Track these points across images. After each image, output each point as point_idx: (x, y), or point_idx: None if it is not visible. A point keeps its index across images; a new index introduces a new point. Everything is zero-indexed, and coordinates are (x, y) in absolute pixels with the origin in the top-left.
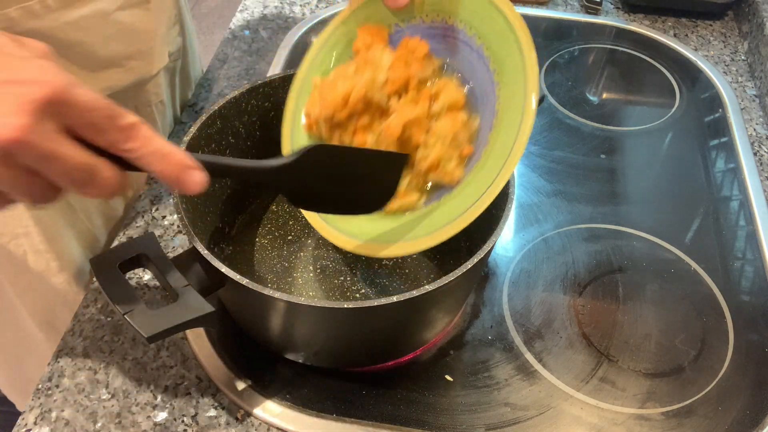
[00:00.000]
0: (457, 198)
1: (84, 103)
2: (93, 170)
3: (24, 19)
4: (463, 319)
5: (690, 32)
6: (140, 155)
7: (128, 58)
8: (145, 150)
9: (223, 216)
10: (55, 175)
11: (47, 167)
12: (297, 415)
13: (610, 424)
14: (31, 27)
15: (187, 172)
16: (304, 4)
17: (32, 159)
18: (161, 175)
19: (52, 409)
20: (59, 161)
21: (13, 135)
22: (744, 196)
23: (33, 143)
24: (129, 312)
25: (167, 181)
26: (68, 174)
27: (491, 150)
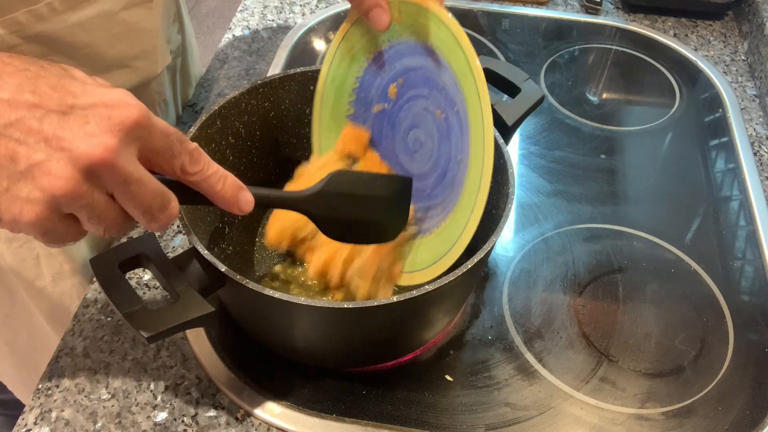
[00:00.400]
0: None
1: (162, 128)
2: (166, 197)
3: (31, 23)
4: (463, 319)
5: (690, 32)
6: (204, 178)
7: (134, 58)
8: (208, 172)
9: (223, 216)
10: (134, 200)
11: (128, 191)
12: (297, 415)
13: (610, 424)
14: (39, 30)
15: (241, 193)
16: (304, 4)
17: (115, 181)
18: (220, 196)
19: (52, 409)
20: (140, 186)
21: (103, 155)
22: (744, 196)
23: (119, 165)
24: (129, 312)
25: (224, 202)
26: (146, 200)
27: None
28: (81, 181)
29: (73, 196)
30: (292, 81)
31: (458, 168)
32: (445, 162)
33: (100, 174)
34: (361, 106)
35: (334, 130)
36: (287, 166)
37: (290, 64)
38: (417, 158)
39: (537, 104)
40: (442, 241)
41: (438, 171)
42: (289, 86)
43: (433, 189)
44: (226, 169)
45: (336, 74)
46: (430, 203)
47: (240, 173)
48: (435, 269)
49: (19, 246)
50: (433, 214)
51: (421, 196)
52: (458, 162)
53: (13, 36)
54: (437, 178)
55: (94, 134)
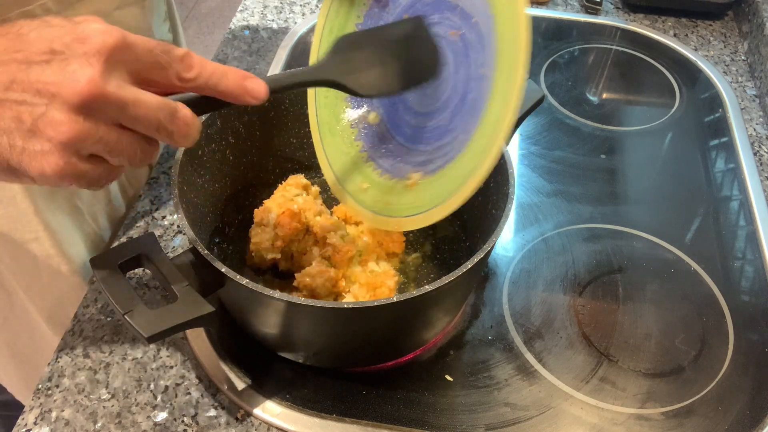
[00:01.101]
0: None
1: (143, 44)
2: (172, 106)
3: None
4: (463, 319)
5: (690, 32)
6: (204, 80)
7: None
8: (206, 73)
9: (223, 216)
10: (140, 121)
11: (131, 115)
12: (297, 415)
13: (610, 424)
14: None
15: (249, 81)
16: (304, 4)
17: (114, 109)
18: (227, 91)
19: (52, 409)
20: (140, 105)
21: (89, 87)
22: (744, 196)
23: (109, 92)
24: (129, 312)
25: (234, 96)
26: (152, 116)
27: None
28: (80, 120)
29: (79, 136)
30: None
31: (479, 84)
32: (464, 84)
33: (96, 106)
34: None
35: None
36: (287, 166)
37: (290, 64)
38: (429, 93)
39: (537, 104)
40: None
41: (457, 98)
42: None
43: (451, 120)
44: (226, 169)
45: (333, 24)
46: (444, 140)
47: (240, 173)
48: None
49: (16, 247)
50: (449, 149)
51: (436, 134)
52: (479, 77)
53: None
54: (456, 106)
55: (75, 71)
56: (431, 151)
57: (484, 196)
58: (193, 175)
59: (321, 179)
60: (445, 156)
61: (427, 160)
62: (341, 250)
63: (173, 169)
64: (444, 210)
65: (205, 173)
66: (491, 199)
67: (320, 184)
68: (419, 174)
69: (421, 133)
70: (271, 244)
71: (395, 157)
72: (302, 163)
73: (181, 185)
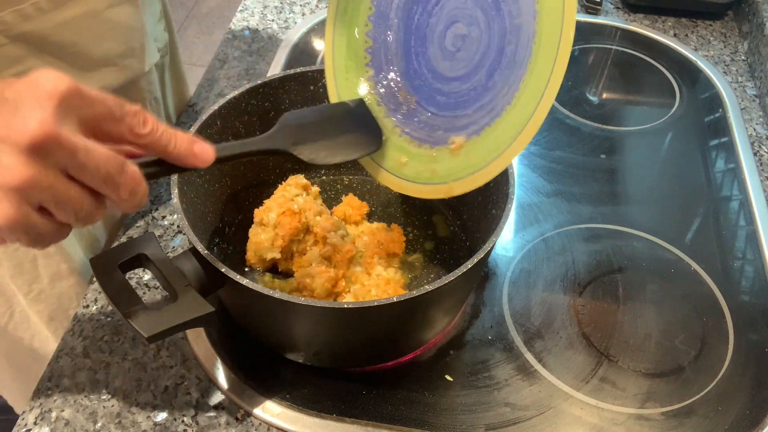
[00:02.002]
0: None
1: (96, 95)
2: (122, 162)
3: (18, 23)
4: (463, 319)
5: (690, 32)
6: (155, 138)
7: (121, 57)
8: (157, 132)
9: (223, 216)
10: (88, 170)
11: (80, 162)
12: (297, 415)
13: (610, 424)
14: (25, 30)
15: (196, 145)
16: (304, 4)
17: (63, 155)
18: (175, 152)
19: (52, 409)
20: (90, 154)
21: (42, 129)
22: (744, 196)
23: (61, 137)
24: (129, 312)
25: (181, 158)
26: (100, 166)
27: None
28: (31, 164)
29: (29, 182)
30: (292, 81)
31: (517, 35)
32: (499, 38)
33: (47, 150)
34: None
35: (353, 71)
36: (287, 166)
37: (290, 64)
38: (461, 56)
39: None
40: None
41: (492, 55)
42: (289, 86)
43: (488, 78)
44: (226, 169)
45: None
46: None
47: (240, 173)
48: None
49: (15, 249)
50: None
51: (474, 95)
52: (516, 28)
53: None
54: (493, 63)
55: (27, 114)
56: (471, 113)
57: (484, 196)
58: (193, 175)
59: (321, 179)
60: (490, 113)
61: (469, 122)
62: (341, 250)
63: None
64: (503, 162)
65: (205, 173)
66: (491, 199)
67: (320, 184)
68: (463, 137)
69: (456, 98)
70: (271, 244)
71: (431, 127)
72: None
73: (181, 185)
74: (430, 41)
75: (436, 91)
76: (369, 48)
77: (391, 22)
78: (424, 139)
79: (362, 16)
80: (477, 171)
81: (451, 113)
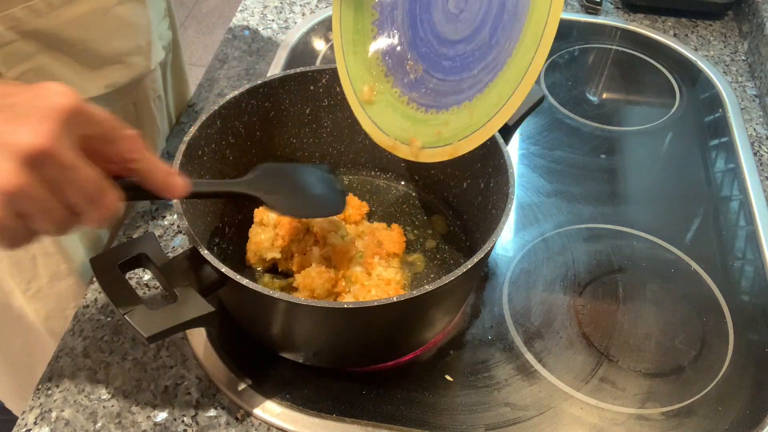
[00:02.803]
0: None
1: (97, 114)
2: (104, 183)
3: (29, 18)
4: (463, 319)
5: (690, 32)
6: (141, 165)
7: (128, 54)
8: (144, 160)
9: (223, 216)
10: (73, 186)
11: (69, 180)
12: (297, 415)
13: (610, 424)
14: (35, 26)
15: (172, 178)
16: (304, 4)
17: (57, 170)
18: (153, 182)
19: (52, 409)
20: (78, 172)
21: (43, 142)
22: (744, 196)
23: (58, 151)
24: (129, 312)
25: (159, 187)
26: (85, 186)
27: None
28: (25, 172)
29: (19, 190)
30: (292, 81)
31: None
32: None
33: (42, 162)
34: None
35: (360, 44)
36: None
37: (290, 64)
38: (464, 17)
39: (537, 104)
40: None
41: (494, 10)
42: (289, 86)
43: (492, 35)
44: (226, 169)
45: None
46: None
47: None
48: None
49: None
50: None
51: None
52: None
53: (9, 32)
54: (495, 19)
55: (32, 124)
56: (477, 73)
57: (483, 196)
58: (193, 175)
59: None
60: (493, 69)
61: (475, 82)
62: (341, 250)
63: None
64: (505, 114)
65: (205, 173)
66: (491, 199)
67: None
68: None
69: (462, 60)
70: (271, 244)
71: (438, 93)
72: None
73: None
74: (434, 6)
75: (442, 56)
76: (376, 20)
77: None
78: (431, 104)
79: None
80: (480, 127)
81: (458, 77)
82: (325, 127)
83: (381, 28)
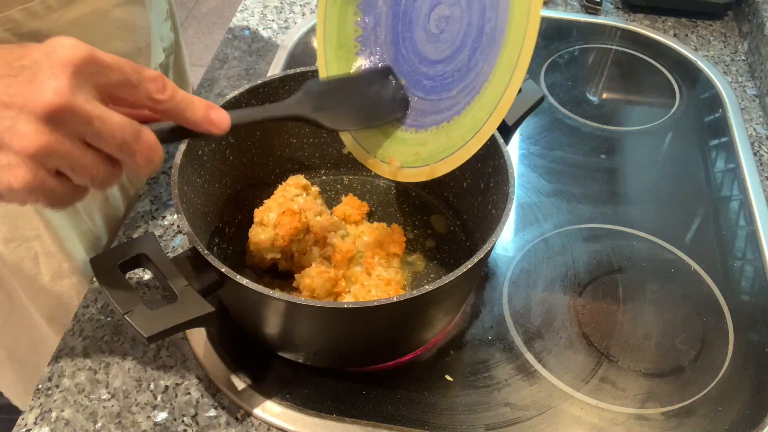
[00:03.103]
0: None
1: (113, 61)
2: (135, 126)
3: (27, 20)
4: (463, 319)
5: (690, 32)
6: (173, 104)
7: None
8: (176, 98)
9: (223, 216)
10: (103, 137)
11: (96, 130)
12: (297, 415)
13: (610, 424)
14: (33, 28)
15: (212, 111)
16: (304, 4)
17: (79, 122)
18: (192, 119)
19: (52, 409)
20: (106, 122)
21: (57, 99)
22: (744, 196)
23: (76, 105)
24: (129, 312)
25: (198, 124)
26: (116, 134)
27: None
28: (47, 131)
29: (47, 148)
30: (292, 81)
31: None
32: (479, 16)
33: (62, 118)
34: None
35: (343, 60)
36: (287, 166)
37: (290, 64)
38: (444, 38)
39: (537, 104)
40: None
41: (473, 32)
42: (289, 86)
43: (471, 58)
44: (226, 169)
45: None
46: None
47: (240, 173)
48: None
49: (17, 246)
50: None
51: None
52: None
53: (7, 33)
54: (474, 42)
55: (42, 82)
56: (455, 94)
57: (484, 196)
58: (193, 175)
59: (321, 179)
60: (471, 92)
61: (453, 104)
62: (341, 250)
63: (173, 170)
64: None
65: (205, 173)
66: (491, 199)
67: (320, 184)
68: (445, 119)
69: (441, 81)
70: (271, 244)
71: (418, 112)
72: (302, 163)
73: (181, 185)
74: (416, 25)
75: (423, 75)
76: (359, 37)
77: (380, 9)
78: (411, 123)
79: (351, 5)
80: (457, 150)
81: (437, 96)
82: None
83: (365, 45)
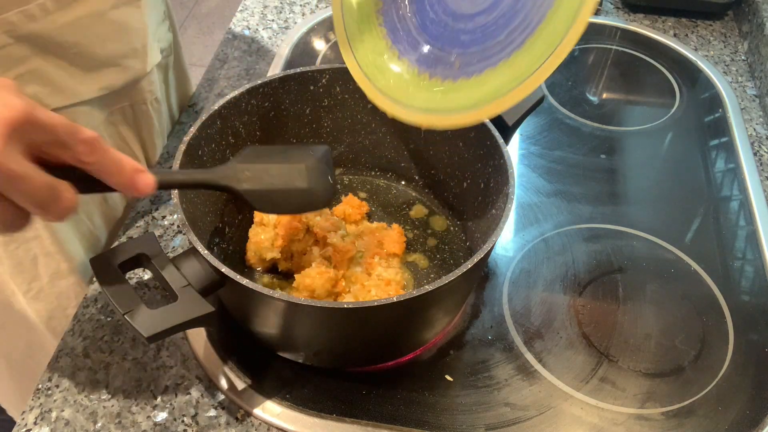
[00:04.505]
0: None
1: (48, 121)
2: (56, 190)
3: (23, 23)
4: (463, 319)
5: (690, 32)
6: (101, 166)
7: (124, 57)
8: (105, 161)
9: (223, 216)
10: (23, 196)
11: (15, 188)
12: (297, 415)
13: (610, 424)
14: (30, 30)
15: (138, 175)
16: (304, 4)
17: (3, 180)
18: (117, 182)
19: (52, 409)
20: (26, 182)
21: None
22: (744, 196)
23: (4, 163)
24: (129, 312)
25: (122, 187)
26: (35, 194)
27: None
28: None
29: None
30: (292, 81)
31: None
32: None
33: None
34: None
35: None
36: None
37: (290, 64)
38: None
39: (537, 104)
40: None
41: None
42: (289, 86)
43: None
44: None
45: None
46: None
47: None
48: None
49: (16, 247)
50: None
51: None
52: None
53: (3, 36)
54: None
55: None
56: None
57: (483, 196)
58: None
59: None
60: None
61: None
62: (341, 250)
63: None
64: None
65: None
66: (491, 199)
67: None
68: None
69: (483, 30)
70: (271, 244)
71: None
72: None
73: None
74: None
75: (459, 31)
76: (380, 8)
77: None
78: (454, 75)
79: None
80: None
81: (479, 47)
82: (325, 127)
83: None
